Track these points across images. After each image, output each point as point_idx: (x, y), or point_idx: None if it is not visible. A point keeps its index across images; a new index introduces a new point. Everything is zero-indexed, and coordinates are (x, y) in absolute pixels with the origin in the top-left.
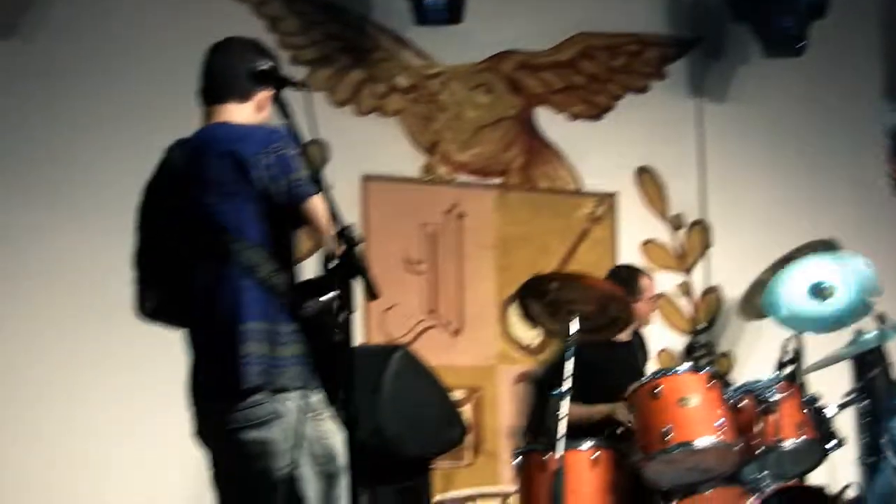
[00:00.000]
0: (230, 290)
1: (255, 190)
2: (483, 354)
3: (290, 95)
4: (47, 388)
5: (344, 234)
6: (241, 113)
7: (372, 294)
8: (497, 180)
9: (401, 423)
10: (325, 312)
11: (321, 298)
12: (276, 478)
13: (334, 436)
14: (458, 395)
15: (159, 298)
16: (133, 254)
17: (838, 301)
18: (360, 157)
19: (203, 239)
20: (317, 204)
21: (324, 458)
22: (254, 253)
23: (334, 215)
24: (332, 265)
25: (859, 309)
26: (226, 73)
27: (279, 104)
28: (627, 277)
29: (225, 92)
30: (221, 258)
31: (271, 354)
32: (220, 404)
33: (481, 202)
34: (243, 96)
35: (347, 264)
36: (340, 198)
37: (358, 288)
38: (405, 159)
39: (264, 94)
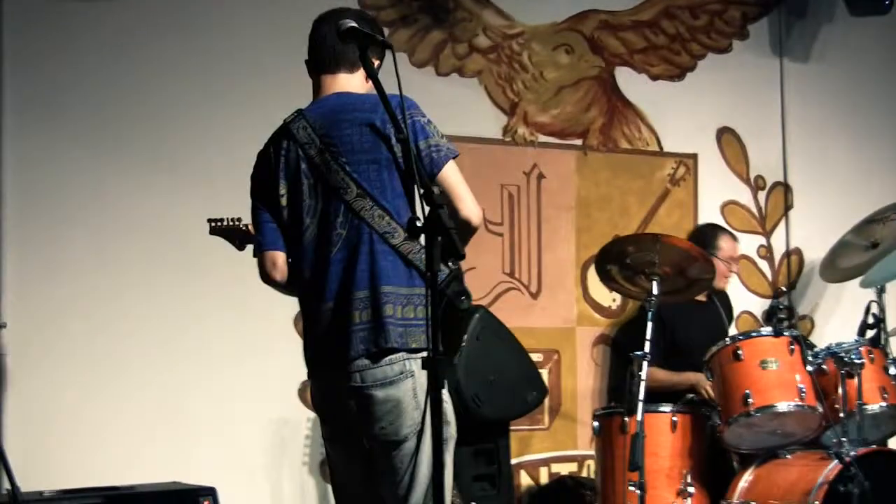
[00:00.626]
0: (368, 254)
1: (394, 157)
2: (562, 316)
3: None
4: (140, 345)
5: (429, 196)
6: (353, 82)
7: (457, 255)
8: (577, 141)
9: (479, 385)
10: (455, 279)
11: (451, 266)
12: (401, 438)
13: (447, 401)
14: (536, 357)
15: (285, 263)
16: (253, 218)
17: None
18: (440, 117)
19: (343, 203)
20: (455, 171)
21: (447, 430)
22: (391, 220)
23: (420, 177)
24: (418, 224)
25: None
26: (335, 44)
27: (364, 64)
28: (707, 234)
29: (336, 63)
30: (360, 222)
31: (406, 316)
32: (354, 365)
33: (561, 163)
34: (353, 66)
35: (433, 225)
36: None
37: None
38: (485, 120)
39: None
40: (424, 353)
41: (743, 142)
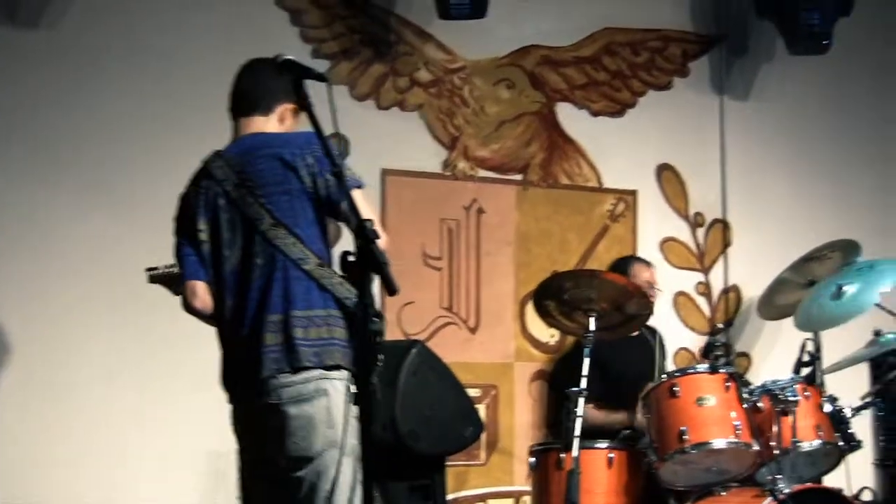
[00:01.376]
0: (282, 280)
1: (304, 188)
2: (500, 352)
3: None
4: (77, 374)
5: (362, 229)
6: (267, 125)
7: (391, 289)
8: (518, 176)
9: (415, 420)
10: (368, 304)
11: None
12: (311, 454)
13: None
14: (473, 392)
15: (207, 292)
16: (176, 254)
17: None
18: (381, 151)
19: (259, 234)
20: (363, 197)
21: (356, 447)
22: (303, 247)
23: (354, 210)
24: (350, 259)
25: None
26: (251, 90)
27: (300, 96)
28: (620, 267)
29: (250, 107)
30: (275, 251)
31: (319, 336)
32: (269, 384)
33: (501, 198)
34: (267, 110)
35: (366, 259)
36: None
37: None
38: (426, 154)
39: (284, 108)
40: (343, 371)
41: (682, 179)
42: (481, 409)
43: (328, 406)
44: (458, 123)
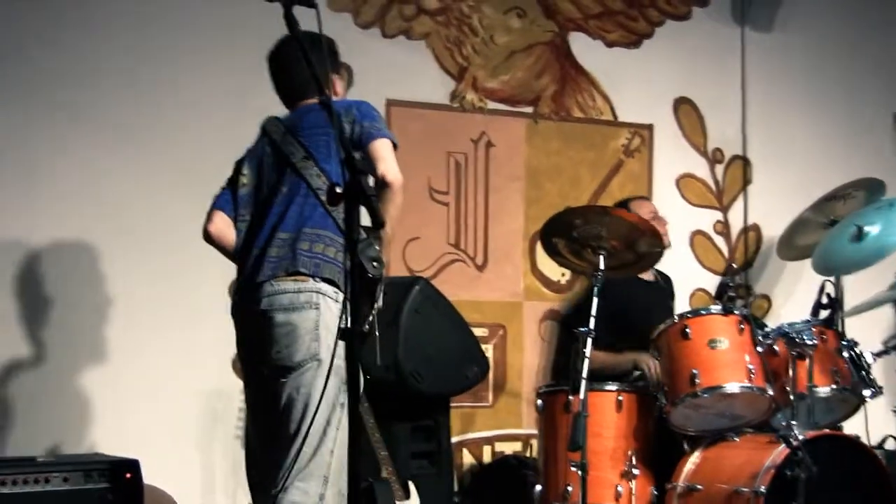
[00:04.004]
0: (300, 205)
1: (341, 133)
2: (508, 290)
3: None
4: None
5: (350, 162)
6: None
7: (377, 223)
8: (528, 109)
9: (418, 359)
10: (370, 245)
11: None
12: (293, 364)
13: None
14: (481, 332)
15: (224, 222)
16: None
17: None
18: (385, 81)
19: (290, 166)
20: (387, 145)
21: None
22: (326, 180)
23: (343, 142)
24: (339, 190)
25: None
26: (292, 84)
27: (288, 24)
28: (620, 204)
29: (301, 96)
30: (300, 179)
31: (322, 252)
32: (263, 289)
33: (511, 131)
34: (319, 93)
35: (353, 192)
36: None
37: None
38: (432, 85)
39: (335, 78)
40: (338, 292)
41: (701, 113)
42: (489, 350)
43: (317, 320)
44: (467, 53)
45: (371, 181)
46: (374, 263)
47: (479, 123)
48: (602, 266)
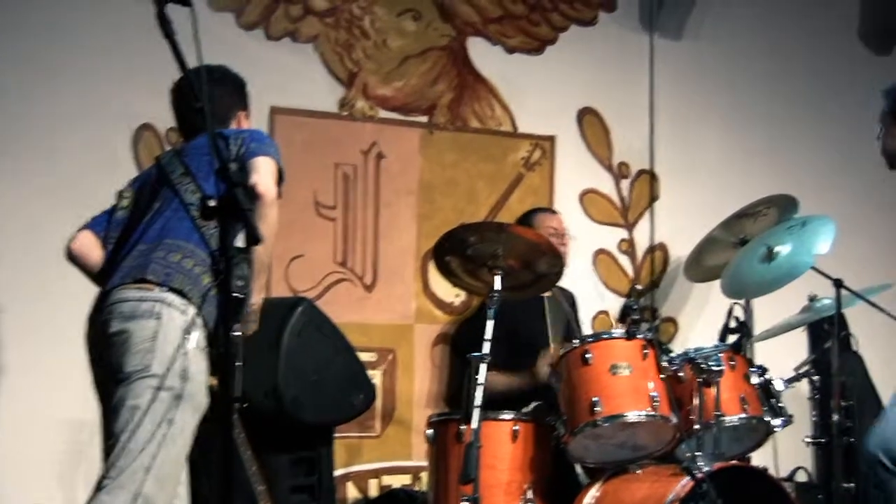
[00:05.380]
0: (167, 219)
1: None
2: (399, 312)
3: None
4: None
5: (225, 172)
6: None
7: (253, 239)
8: (422, 118)
9: (300, 385)
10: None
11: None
12: (123, 375)
13: (200, 372)
14: (368, 356)
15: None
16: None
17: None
18: (270, 86)
19: (167, 183)
20: (267, 163)
21: (182, 388)
22: (199, 197)
23: (219, 154)
24: (211, 204)
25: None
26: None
27: (161, 22)
28: (523, 221)
29: (199, 128)
30: (173, 194)
31: (178, 262)
32: (109, 298)
33: (404, 142)
34: (223, 122)
35: (227, 205)
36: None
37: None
38: (320, 91)
39: (239, 116)
40: (188, 305)
41: (606, 124)
42: (377, 376)
43: (155, 330)
44: (357, 58)
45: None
46: (240, 282)
47: (370, 133)
48: (498, 287)
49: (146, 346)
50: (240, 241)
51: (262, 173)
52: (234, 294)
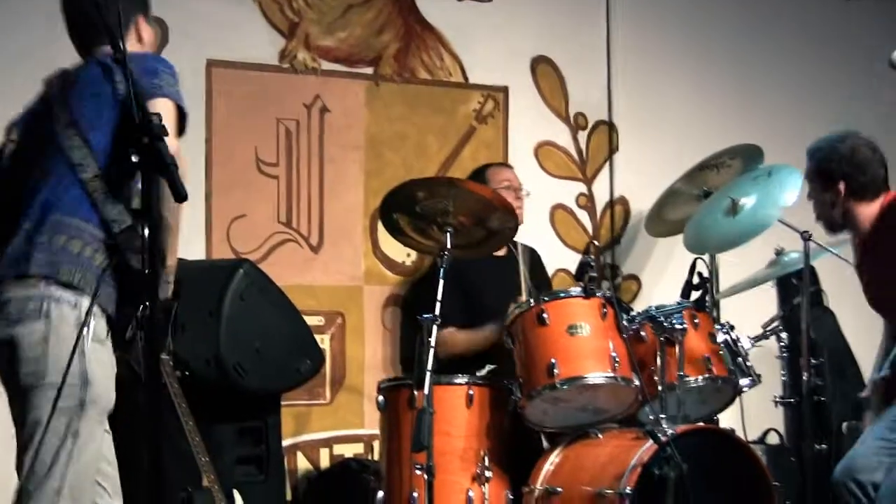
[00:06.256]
0: (53, 186)
1: (116, 94)
2: (347, 274)
3: None
4: None
5: (146, 125)
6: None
7: (178, 196)
8: (368, 70)
9: (243, 352)
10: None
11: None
12: (20, 388)
13: (103, 368)
14: (316, 320)
15: None
16: None
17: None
18: (206, 39)
19: (54, 133)
20: (167, 106)
21: (84, 394)
22: (88, 153)
23: (140, 103)
24: (134, 159)
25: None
26: (87, 20)
27: None
28: (477, 177)
29: (94, 39)
30: (59, 151)
31: (64, 246)
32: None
33: (349, 95)
34: (115, 32)
35: (149, 159)
36: (182, 87)
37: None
38: (259, 43)
39: (140, 19)
40: (81, 297)
41: (562, 74)
42: (325, 340)
43: (45, 334)
44: (298, 7)
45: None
46: (139, 255)
47: (313, 86)
48: (449, 245)
49: (37, 353)
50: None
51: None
52: (135, 268)
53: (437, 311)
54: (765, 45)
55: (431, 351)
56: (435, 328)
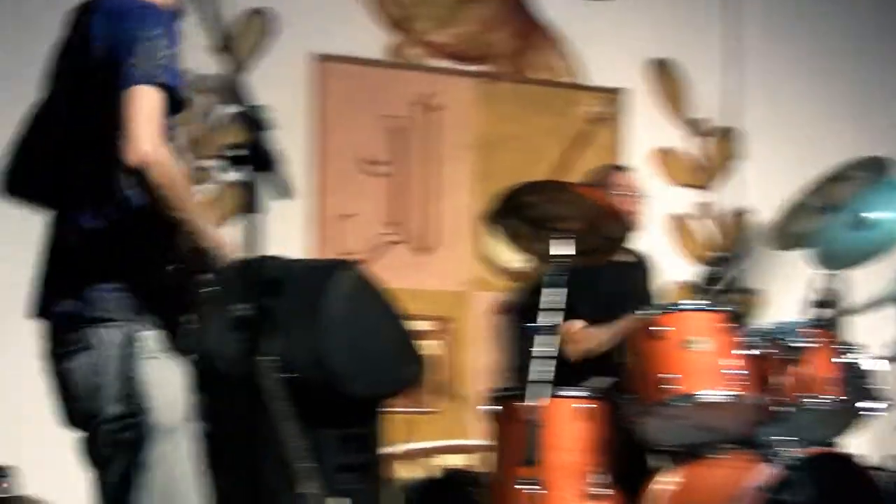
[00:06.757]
0: (82, 159)
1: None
2: (455, 278)
3: None
4: None
5: (251, 116)
6: None
7: (284, 192)
8: (480, 67)
9: (347, 356)
10: None
11: None
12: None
13: (172, 381)
14: (422, 325)
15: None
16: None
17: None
18: (314, 32)
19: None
20: (141, 97)
21: (153, 408)
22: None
23: (238, 95)
24: (235, 154)
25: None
26: None
27: None
28: (597, 180)
29: None
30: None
31: None
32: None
33: (460, 93)
34: None
35: (254, 155)
36: (287, 81)
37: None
38: (368, 37)
39: None
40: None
41: (683, 77)
42: (432, 346)
43: (94, 363)
44: (409, 1)
45: None
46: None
47: (422, 83)
48: (561, 251)
49: (91, 387)
50: None
51: (134, 122)
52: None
53: (544, 321)
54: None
55: (541, 362)
56: (544, 338)
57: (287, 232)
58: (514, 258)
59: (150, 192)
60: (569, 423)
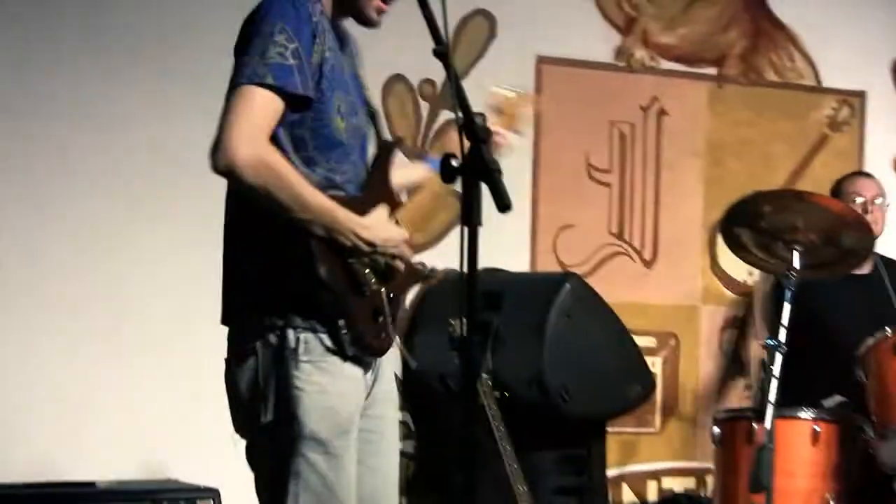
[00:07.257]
0: None
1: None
2: (683, 291)
3: None
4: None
5: (469, 126)
6: None
7: (503, 205)
8: (711, 70)
9: (568, 373)
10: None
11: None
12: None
13: (328, 388)
14: (647, 342)
15: None
16: None
17: None
18: (537, 34)
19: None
20: (240, 99)
21: (297, 429)
22: None
23: (462, 102)
24: (454, 164)
25: None
26: None
27: None
28: (837, 189)
29: None
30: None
31: None
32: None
33: (689, 97)
34: None
35: (472, 165)
36: (509, 84)
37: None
38: (593, 39)
39: None
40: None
41: None
42: (656, 364)
43: (257, 370)
44: (636, 1)
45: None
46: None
47: (651, 87)
48: (797, 264)
49: (248, 394)
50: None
51: (224, 125)
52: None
53: (783, 337)
54: None
55: (774, 381)
56: (779, 356)
57: (509, 244)
58: (745, 271)
59: (246, 196)
60: (802, 447)
